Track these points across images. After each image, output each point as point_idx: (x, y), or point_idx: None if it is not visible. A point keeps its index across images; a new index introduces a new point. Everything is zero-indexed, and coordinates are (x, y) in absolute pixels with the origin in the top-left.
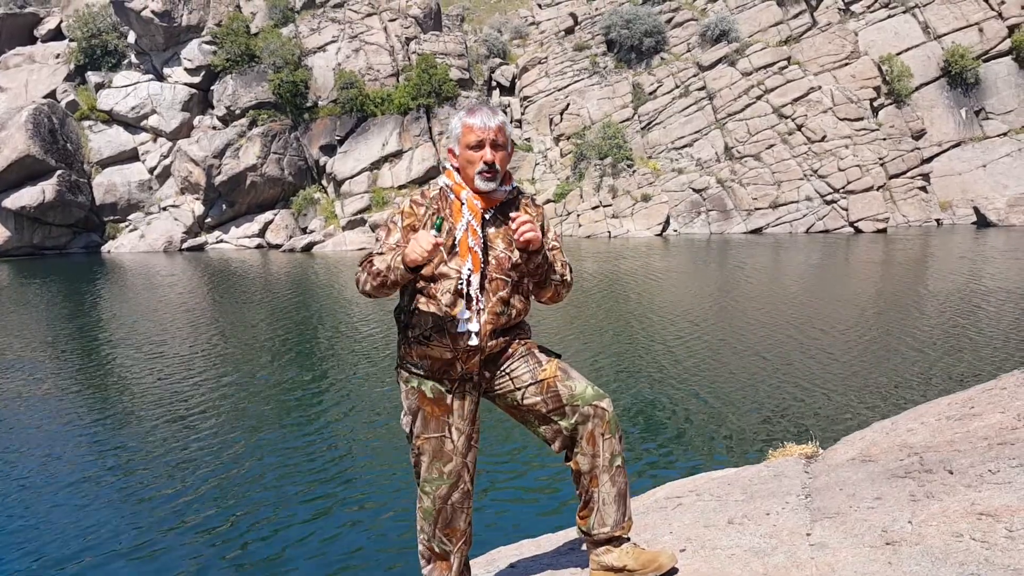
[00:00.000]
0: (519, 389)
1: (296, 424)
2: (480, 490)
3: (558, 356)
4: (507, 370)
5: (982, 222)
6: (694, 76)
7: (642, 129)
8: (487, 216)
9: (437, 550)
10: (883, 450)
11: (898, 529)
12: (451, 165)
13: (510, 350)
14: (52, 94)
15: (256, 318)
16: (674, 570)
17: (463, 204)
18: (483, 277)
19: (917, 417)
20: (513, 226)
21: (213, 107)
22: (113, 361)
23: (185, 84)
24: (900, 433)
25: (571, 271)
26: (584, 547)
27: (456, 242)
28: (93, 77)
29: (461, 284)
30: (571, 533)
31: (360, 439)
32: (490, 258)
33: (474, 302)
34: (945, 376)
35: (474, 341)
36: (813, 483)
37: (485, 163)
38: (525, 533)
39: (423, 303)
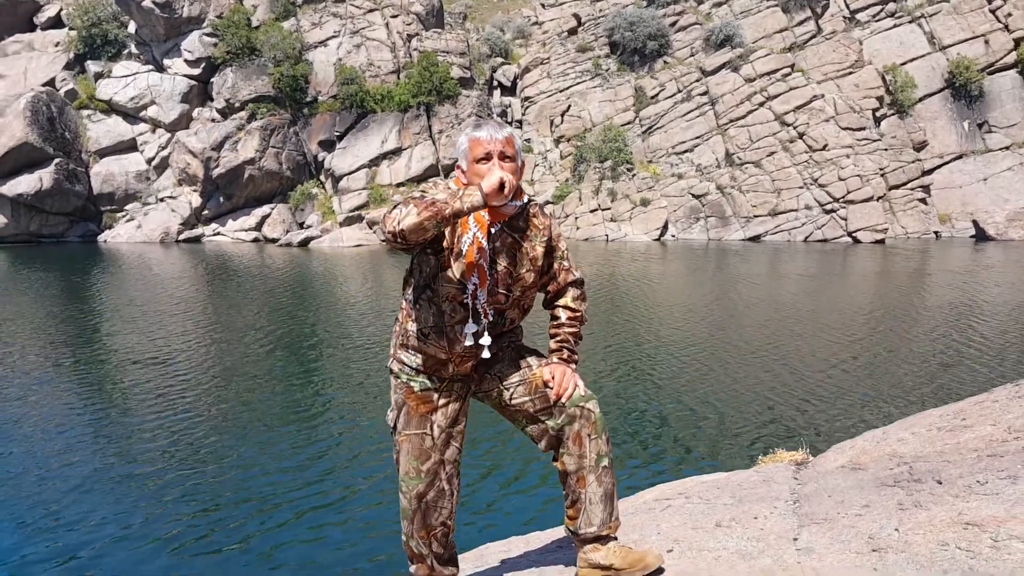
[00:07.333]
0: (508, 388)
1: (289, 418)
2: (470, 488)
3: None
4: (497, 371)
5: (981, 236)
6: (697, 81)
7: (643, 133)
8: (493, 230)
9: (415, 550)
10: (873, 459)
11: (885, 536)
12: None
13: (501, 353)
14: (51, 82)
15: (252, 312)
16: (660, 570)
17: (470, 215)
18: (487, 291)
19: (908, 427)
20: (552, 390)
21: (212, 99)
22: (106, 351)
23: (185, 76)
24: (890, 442)
25: (582, 286)
26: (573, 545)
27: (463, 253)
28: (92, 66)
29: (466, 298)
30: (560, 531)
31: (352, 434)
32: (494, 271)
33: (482, 316)
34: (937, 388)
35: (487, 354)
36: (802, 489)
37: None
38: (515, 530)
39: (429, 301)
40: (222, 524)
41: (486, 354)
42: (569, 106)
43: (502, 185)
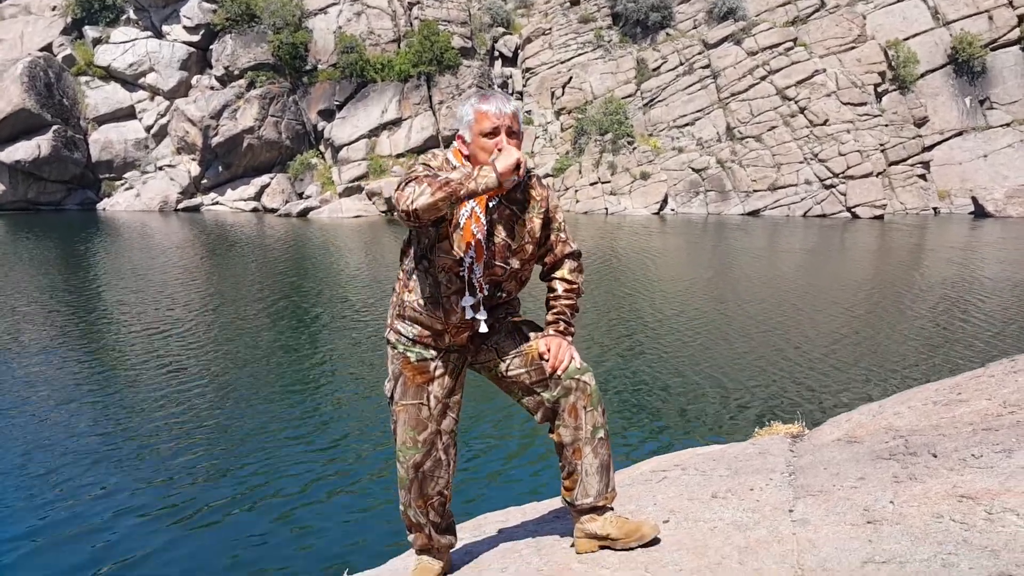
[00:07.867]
0: (504, 360)
1: (288, 389)
2: (468, 458)
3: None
4: (494, 343)
5: (979, 212)
6: (699, 54)
7: (644, 106)
8: (491, 203)
9: (413, 519)
10: (869, 432)
11: (880, 508)
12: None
13: (498, 324)
14: (48, 47)
15: (252, 282)
16: (656, 540)
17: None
18: (483, 265)
19: (904, 401)
20: (548, 362)
21: (212, 67)
22: (108, 320)
23: (184, 42)
24: (886, 416)
25: (579, 258)
26: (570, 516)
27: (460, 226)
28: (90, 32)
29: (462, 270)
30: (557, 502)
31: (349, 404)
32: (491, 244)
33: (478, 291)
34: (933, 362)
35: (483, 328)
36: (798, 461)
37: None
38: (512, 501)
39: (426, 272)
40: (223, 493)
41: (483, 328)
42: (570, 78)
43: (517, 166)
